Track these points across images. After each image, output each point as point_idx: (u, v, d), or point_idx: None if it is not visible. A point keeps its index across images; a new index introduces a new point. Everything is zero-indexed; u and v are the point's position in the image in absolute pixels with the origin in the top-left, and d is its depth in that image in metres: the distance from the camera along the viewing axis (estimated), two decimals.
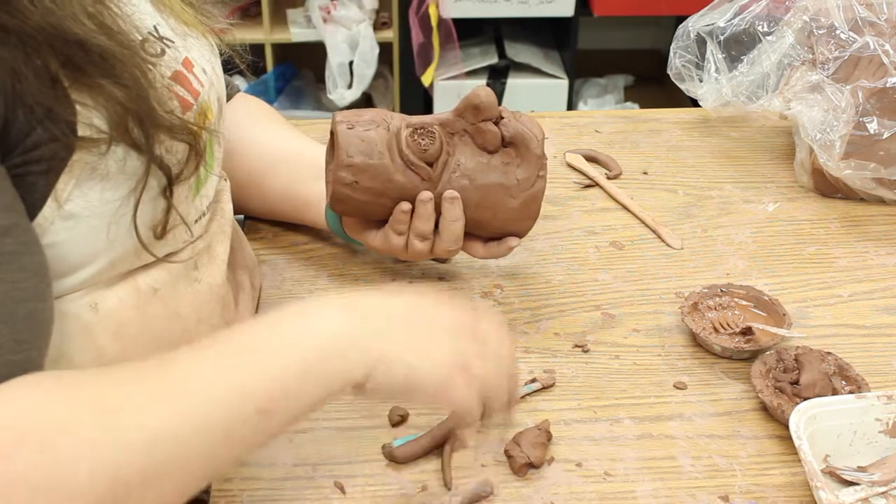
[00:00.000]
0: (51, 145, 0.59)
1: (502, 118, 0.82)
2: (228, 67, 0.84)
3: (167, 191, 0.66)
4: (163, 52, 0.68)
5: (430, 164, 0.81)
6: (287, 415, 0.57)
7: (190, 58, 0.72)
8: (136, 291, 0.71)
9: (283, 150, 0.95)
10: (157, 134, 0.63)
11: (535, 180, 0.83)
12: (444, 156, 0.81)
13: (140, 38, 0.66)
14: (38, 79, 0.57)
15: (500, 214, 0.83)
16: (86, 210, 0.62)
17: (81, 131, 0.60)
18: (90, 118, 0.60)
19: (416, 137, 0.80)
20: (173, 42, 0.71)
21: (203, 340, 0.58)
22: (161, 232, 0.68)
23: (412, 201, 0.82)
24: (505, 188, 0.82)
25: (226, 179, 0.85)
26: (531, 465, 0.72)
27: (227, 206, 0.83)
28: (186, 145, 0.66)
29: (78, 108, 0.59)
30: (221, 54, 0.81)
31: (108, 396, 0.54)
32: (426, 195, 0.81)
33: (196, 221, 0.74)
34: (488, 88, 0.81)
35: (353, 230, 0.88)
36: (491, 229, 0.85)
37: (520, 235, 0.86)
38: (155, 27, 0.70)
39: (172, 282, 0.74)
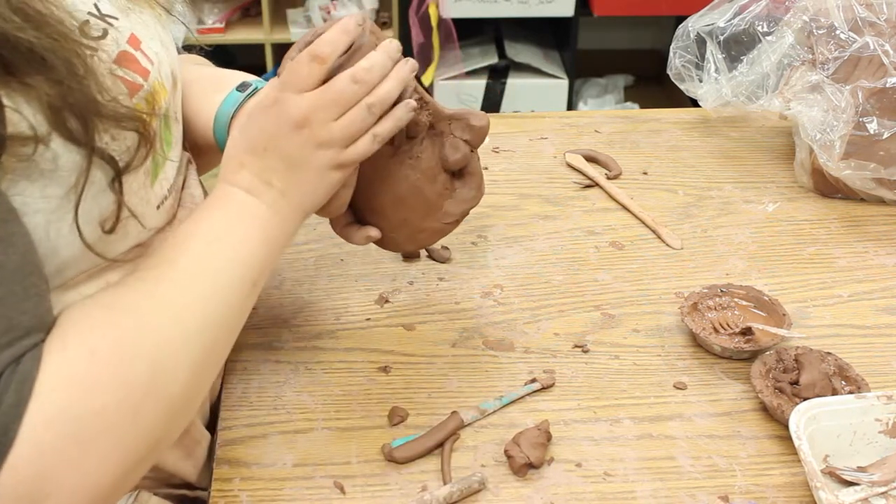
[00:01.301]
0: None
1: (474, 151, 0.79)
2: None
3: (116, 182, 0.63)
4: (105, 33, 0.64)
5: (410, 138, 0.76)
6: (262, 283, 0.70)
7: (136, 34, 0.68)
8: None
9: (188, 76, 0.86)
10: (99, 125, 0.60)
11: (453, 222, 0.79)
12: (419, 140, 0.76)
13: (77, 22, 0.62)
14: None
15: (410, 224, 0.78)
16: (25, 208, 0.59)
17: (13, 128, 0.56)
18: (23, 115, 0.57)
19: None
20: (117, 18, 0.66)
21: (190, 238, 0.67)
22: (112, 226, 0.65)
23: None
24: (429, 206, 0.78)
25: (191, 161, 0.82)
26: (531, 466, 0.72)
27: (197, 191, 0.80)
28: (135, 133, 0.63)
29: (7, 108, 0.56)
30: (198, 48, 0.79)
31: (155, 301, 0.63)
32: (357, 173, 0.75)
33: (158, 207, 0.72)
34: (489, 119, 0.78)
35: None
36: (381, 224, 0.79)
37: (391, 246, 0.82)
38: (96, 5, 0.66)
39: None
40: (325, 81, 0.69)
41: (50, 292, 0.60)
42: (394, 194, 0.77)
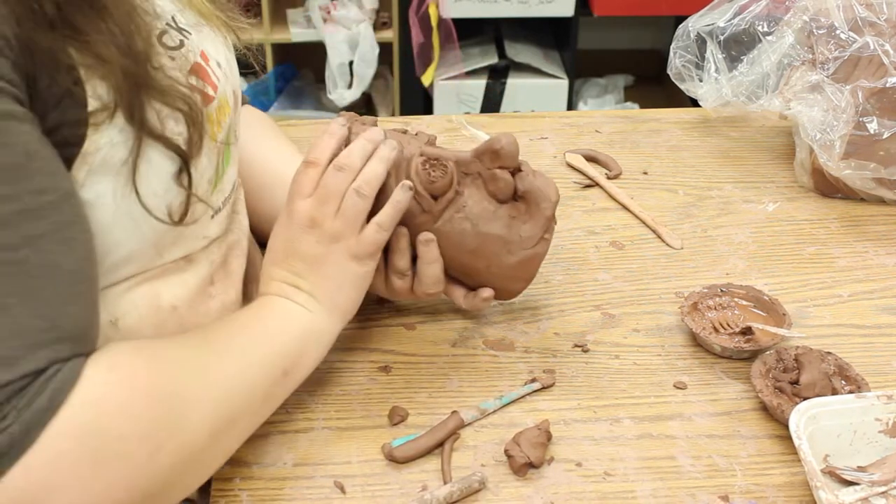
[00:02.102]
0: (63, 130, 0.59)
1: (520, 170, 0.79)
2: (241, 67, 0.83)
3: (181, 173, 0.66)
4: (181, 44, 0.67)
5: (435, 198, 0.77)
6: (298, 376, 0.72)
7: (205, 50, 0.71)
8: (157, 309, 0.71)
9: (277, 172, 0.89)
10: (151, 99, 0.62)
11: (538, 242, 0.79)
12: (452, 193, 0.77)
13: (160, 27, 0.66)
14: (38, 24, 0.56)
15: (494, 268, 0.79)
16: (97, 200, 0.62)
17: (91, 105, 0.59)
18: (97, 89, 0.59)
19: (426, 167, 0.76)
20: (190, 33, 0.70)
21: (231, 325, 0.72)
22: (181, 215, 0.67)
23: (408, 231, 0.78)
24: (505, 242, 0.78)
25: (240, 186, 0.83)
26: (531, 465, 0.72)
27: (244, 220, 0.82)
28: (184, 115, 0.65)
29: (84, 78, 0.58)
30: (237, 51, 0.80)
31: (197, 361, 0.65)
32: (400, 229, 0.77)
33: (213, 216, 0.74)
34: (513, 137, 0.77)
35: None
36: (481, 280, 0.80)
37: (505, 294, 0.82)
38: (173, 17, 0.69)
39: (190, 298, 0.74)
40: None
41: (99, 301, 0.62)
42: (467, 251, 0.78)
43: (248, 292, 0.84)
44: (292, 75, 2.97)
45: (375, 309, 0.90)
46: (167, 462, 0.59)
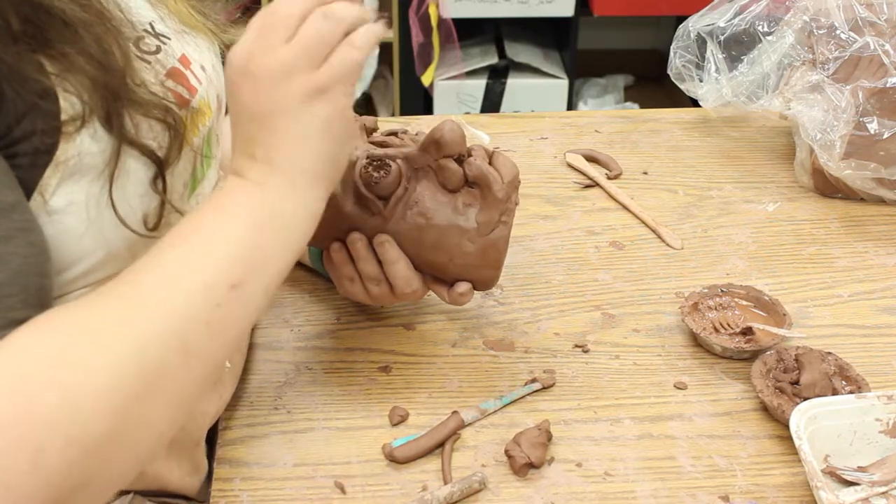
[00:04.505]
0: (34, 139, 0.57)
1: (470, 156, 0.75)
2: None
3: (157, 179, 0.63)
4: (158, 49, 0.67)
5: (384, 198, 0.74)
6: (260, 282, 0.59)
7: (187, 54, 0.70)
8: None
9: None
10: (128, 109, 0.60)
11: (496, 226, 0.75)
12: (401, 191, 0.74)
13: (136, 33, 0.65)
14: (1, 38, 0.54)
15: (457, 259, 0.76)
16: (72, 205, 0.60)
17: (64, 114, 0.57)
18: (70, 99, 0.58)
19: (369, 170, 0.74)
20: (169, 39, 0.69)
21: (159, 245, 0.59)
22: (155, 224, 0.65)
23: (365, 236, 0.76)
24: (462, 231, 0.75)
25: (223, 179, 0.83)
26: (531, 465, 0.72)
27: None
28: (164, 125, 0.62)
29: (58, 89, 0.57)
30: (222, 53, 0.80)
31: (89, 320, 0.54)
32: (353, 236, 0.75)
33: None
34: (454, 123, 0.74)
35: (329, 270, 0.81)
36: (451, 274, 0.78)
37: (480, 284, 0.78)
38: (151, 24, 0.68)
39: None
40: None
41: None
42: (428, 246, 0.76)
43: None
44: None
45: (375, 309, 0.90)
46: (61, 461, 0.49)
